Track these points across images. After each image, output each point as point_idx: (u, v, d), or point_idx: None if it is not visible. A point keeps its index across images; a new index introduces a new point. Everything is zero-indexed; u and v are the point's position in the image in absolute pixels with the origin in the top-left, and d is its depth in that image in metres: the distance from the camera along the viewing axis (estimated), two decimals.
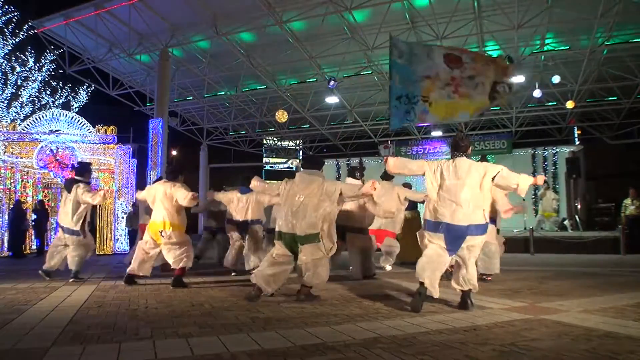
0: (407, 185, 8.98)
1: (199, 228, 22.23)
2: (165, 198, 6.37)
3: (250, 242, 7.67)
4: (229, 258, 7.91)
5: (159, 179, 7.78)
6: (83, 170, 7.45)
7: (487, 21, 13.62)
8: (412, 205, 9.43)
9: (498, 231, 7.06)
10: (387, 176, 8.22)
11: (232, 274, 7.67)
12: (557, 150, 20.58)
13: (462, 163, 4.59)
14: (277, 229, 5.28)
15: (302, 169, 5.56)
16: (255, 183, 5.80)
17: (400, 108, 9.09)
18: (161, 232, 6.27)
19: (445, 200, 4.50)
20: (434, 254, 4.49)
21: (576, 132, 22.23)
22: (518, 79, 15.65)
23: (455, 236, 4.42)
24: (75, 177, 7.27)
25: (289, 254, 5.19)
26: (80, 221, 7.05)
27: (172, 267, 6.44)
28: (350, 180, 7.74)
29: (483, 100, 8.86)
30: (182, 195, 6.27)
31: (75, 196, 7.02)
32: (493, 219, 5.98)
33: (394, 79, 9.06)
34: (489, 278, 6.69)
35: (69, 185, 7.19)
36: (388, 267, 8.49)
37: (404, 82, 9.07)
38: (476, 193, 4.48)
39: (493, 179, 4.52)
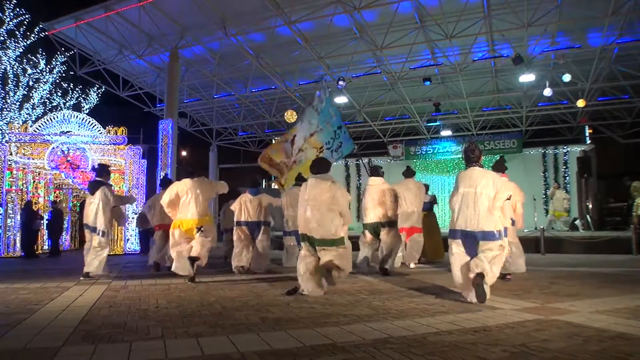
0: (425, 186, 9.26)
1: None
2: (199, 194, 6.81)
3: (264, 242, 7.98)
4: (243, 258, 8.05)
5: (168, 181, 7.97)
6: (103, 171, 7.67)
7: (496, 20, 13.53)
8: (428, 206, 9.90)
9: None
10: (409, 173, 8.95)
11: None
12: (568, 149, 20.41)
13: (475, 173, 4.97)
14: (300, 232, 5.64)
15: (313, 175, 5.77)
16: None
17: (346, 134, 11.36)
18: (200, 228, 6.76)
19: (461, 208, 4.91)
20: (457, 256, 4.91)
21: (587, 131, 22.04)
22: (528, 77, 15.61)
23: (471, 241, 4.81)
24: (97, 179, 7.55)
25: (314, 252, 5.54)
26: (107, 221, 7.32)
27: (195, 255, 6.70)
28: (373, 179, 7.85)
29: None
30: (222, 186, 7.19)
31: (103, 197, 7.27)
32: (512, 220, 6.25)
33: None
34: (509, 277, 6.75)
35: (93, 187, 7.43)
36: (412, 265, 8.68)
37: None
38: (488, 201, 4.81)
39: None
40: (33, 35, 18.22)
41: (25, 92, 19.31)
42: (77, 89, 21.17)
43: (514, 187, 6.03)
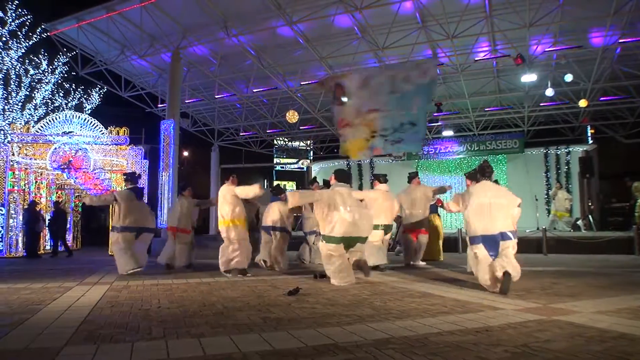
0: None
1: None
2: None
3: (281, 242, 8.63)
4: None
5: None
6: (134, 178, 8.68)
7: (498, 20, 13.53)
8: (433, 209, 10.41)
9: None
10: (412, 178, 9.73)
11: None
12: (570, 149, 20.39)
13: (486, 186, 5.88)
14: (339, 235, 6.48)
15: (338, 183, 6.87)
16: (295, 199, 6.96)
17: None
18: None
19: (478, 217, 5.66)
20: (483, 259, 5.59)
21: (589, 131, 22.01)
22: (530, 77, 15.60)
23: (491, 244, 5.52)
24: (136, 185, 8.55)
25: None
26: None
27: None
28: (378, 185, 8.76)
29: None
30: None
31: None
32: None
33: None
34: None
35: (141, 193, 8.71)
36: (422, 264, 9.25)
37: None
38: (502, 207, 5.61)
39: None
40: (35, 35, 18.22)
41: (28, 93, 19.32)
42: (79, 89, 21.17)
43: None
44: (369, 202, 8.18)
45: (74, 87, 20.97)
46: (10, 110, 18.79)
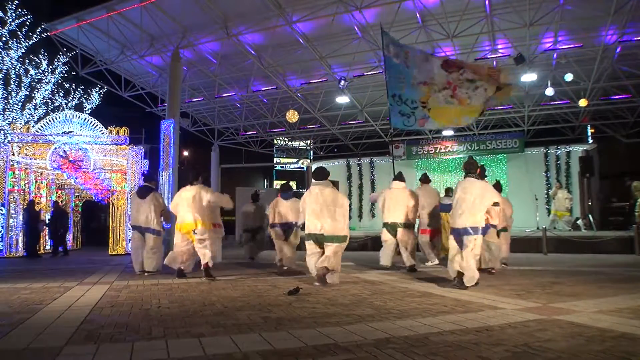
0: (449, 190, 10.20)
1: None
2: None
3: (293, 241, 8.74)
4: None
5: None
6: (151, 178, 8.83)
7: (498, 19, 13.52)
8: (447, 208, 10.24)
9: (498, 234, 8.01)
10: (426, 179, 9.78)
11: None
12: (570, 149, 20.38)
13: (468, 182, 6.08)
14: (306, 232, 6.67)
15: (315, 181, 6.82)
16: None
17: (394, 107, 9.41)
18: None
19: (454, 211, 6.04)
20: (453, 250, 6.05)
21: (589, 131, 21.99)
22: (530, 77, 15.60)
23: (457, 236, 5.94)
24: (147, 185, 8.46)
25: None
26: (159, 222, 8.27)
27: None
28: (396, 183, 8.66)
29: (480, 105, 9.12)
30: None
31: (155, 201, 8.16)
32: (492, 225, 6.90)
33: (388, 76, 9.37)
34: (493, 271, 7.60)
35: (144, 192, 8.27)
36: (435, 261, 9.28)
37: (397, 81, 9.37)
38: (474, 204, 5.87)
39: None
40: (35, 35, 18.24)
41: (28, 93, 19.34)
42: (79, 89, 21.19)
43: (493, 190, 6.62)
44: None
45: (74, 87, 20.99)
46: (11, 110, 18.80)
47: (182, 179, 14.74)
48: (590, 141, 21.37)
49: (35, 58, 19.20)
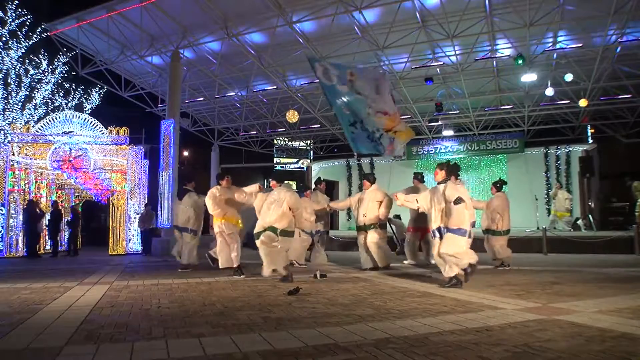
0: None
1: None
2: None
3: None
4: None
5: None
6: (190, 179, 9.32)
7: (498, 19, 13.51)
8: None
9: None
10: (421, 178, 9.77)
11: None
12: (570, 149, 20.38)
13: (441, 186, 6.16)
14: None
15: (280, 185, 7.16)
16: None
17: (359, 134, 9.52)
18: None
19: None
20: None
21: (589, 131, 21.98)
22: (530, 77, 15.61)
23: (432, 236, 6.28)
24: (185, 187, 9.14)
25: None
26: (198, 222, 8.91)
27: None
28: (368, 184, 8.74)
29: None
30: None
31: (192, 203, 8.77)
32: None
33: (338, 106, 9.55)
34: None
35: (181, 194, 9.10)
36: (411, 261, 9.45)
37: (352, 111, 9.50)
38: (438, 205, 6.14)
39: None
40: (35, 35, 18.23)
41: (28, 93, 19.33)
42: (79, 89, 21.19)
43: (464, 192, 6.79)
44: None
45: (74, 87, 20.98)
46: (11, 110, 18.80)
47: (182, 179, 14.79)
48: (590, 141, 21.37)
49: (35, 58, 19.20)
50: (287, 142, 27.87)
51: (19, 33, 18.32)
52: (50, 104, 20.25)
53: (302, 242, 9.33)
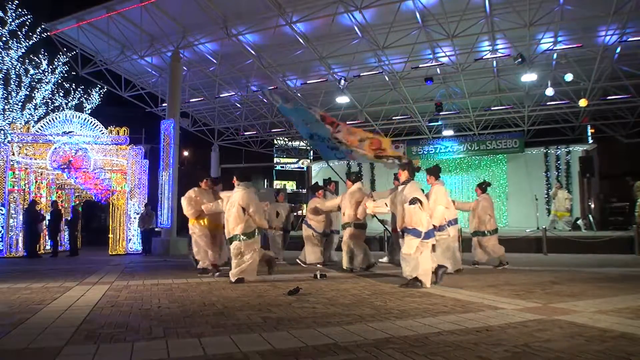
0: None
1: None
2: None
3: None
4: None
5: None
6: (217, 181, 8.90)
7: (498, 19, 13.52)
8: None
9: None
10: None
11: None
12: (570, 149, 20.35)
13: (407, 186, 6.24)
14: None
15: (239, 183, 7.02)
16: None
17: (320, 144, 9.65)
18: None
19: None
20: None
21: (589, 131, 21.96)
22: (530, 77, 15.61)
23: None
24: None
25: None
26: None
27: None
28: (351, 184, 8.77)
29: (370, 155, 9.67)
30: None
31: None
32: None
33: (296, 123, 9.66)
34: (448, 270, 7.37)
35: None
36: (385, 259, 9.75)
37: (309, 124, 9.57)
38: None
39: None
40: (35, 35, 18.26)
41: (28, 93, 19.35)
42: (79, 89, 21.22)
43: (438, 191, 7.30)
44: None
45: (74, 87, 21.00)
46: (11, 110, 18.81)
47: (182, 179, 14.81)
48: (590, 141, 21.35)
49: (35, 58, 19.21)
50: (287, 142, 27.87)
51: (19, 33, 18.35)
52: (50, 103, 20.28)
53: (313, 246, 9.37)
